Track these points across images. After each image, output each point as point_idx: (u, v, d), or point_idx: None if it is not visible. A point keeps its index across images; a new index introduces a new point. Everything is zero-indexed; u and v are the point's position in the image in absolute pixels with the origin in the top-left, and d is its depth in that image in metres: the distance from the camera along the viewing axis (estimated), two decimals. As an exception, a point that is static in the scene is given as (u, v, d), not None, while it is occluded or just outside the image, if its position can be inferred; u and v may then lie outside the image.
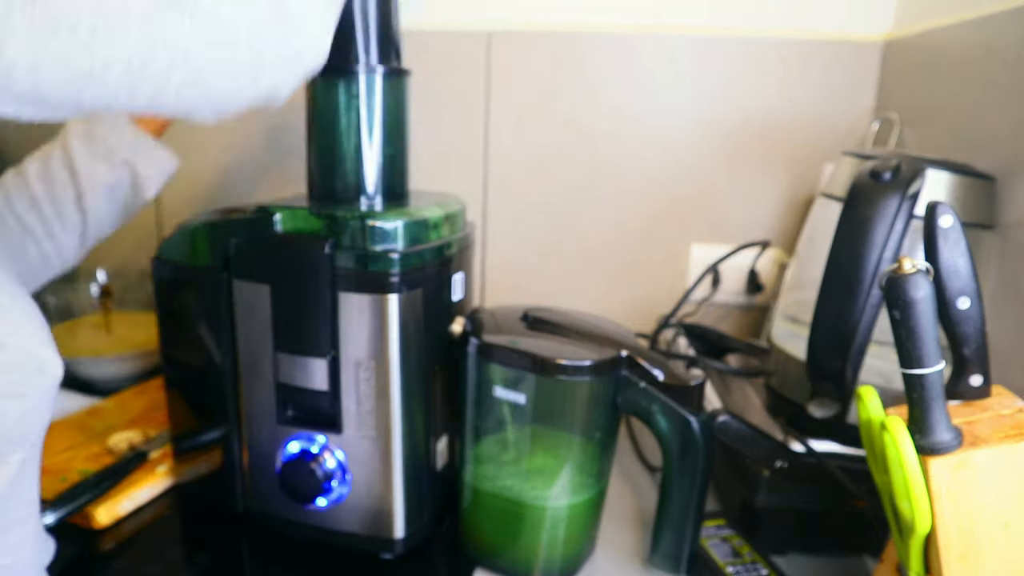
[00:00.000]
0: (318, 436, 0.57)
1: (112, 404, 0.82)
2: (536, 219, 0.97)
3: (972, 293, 0.43)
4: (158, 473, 0.67)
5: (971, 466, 0.41)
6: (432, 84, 0.92)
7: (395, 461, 0.57)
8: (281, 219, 0.55)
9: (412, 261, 0.55)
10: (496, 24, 0.93)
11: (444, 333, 0.58)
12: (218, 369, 0.60)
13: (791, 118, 0.90)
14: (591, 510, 0.58)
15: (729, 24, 0.90)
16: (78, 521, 0.61)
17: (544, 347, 0.54)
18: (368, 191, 0.61)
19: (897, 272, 0.40)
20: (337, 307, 0.54)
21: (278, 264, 0.55)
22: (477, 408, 0.57)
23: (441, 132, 0.95)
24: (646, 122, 0.93)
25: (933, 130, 0.76)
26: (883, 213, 0.50)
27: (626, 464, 0.75)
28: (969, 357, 0.44)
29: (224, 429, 0.61)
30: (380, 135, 0.60)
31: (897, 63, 0.85)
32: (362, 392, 0.56)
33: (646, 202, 0.95)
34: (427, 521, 0.61)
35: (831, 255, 0.52)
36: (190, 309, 0.61)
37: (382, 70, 0.59)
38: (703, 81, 0.91)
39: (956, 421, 0.43)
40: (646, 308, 0.95)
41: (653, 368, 0.53)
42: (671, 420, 0.53)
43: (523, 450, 0.57)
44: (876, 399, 0.45)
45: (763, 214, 0.94)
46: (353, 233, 0.54)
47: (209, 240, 0.58)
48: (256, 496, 0.62)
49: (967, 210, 0.58)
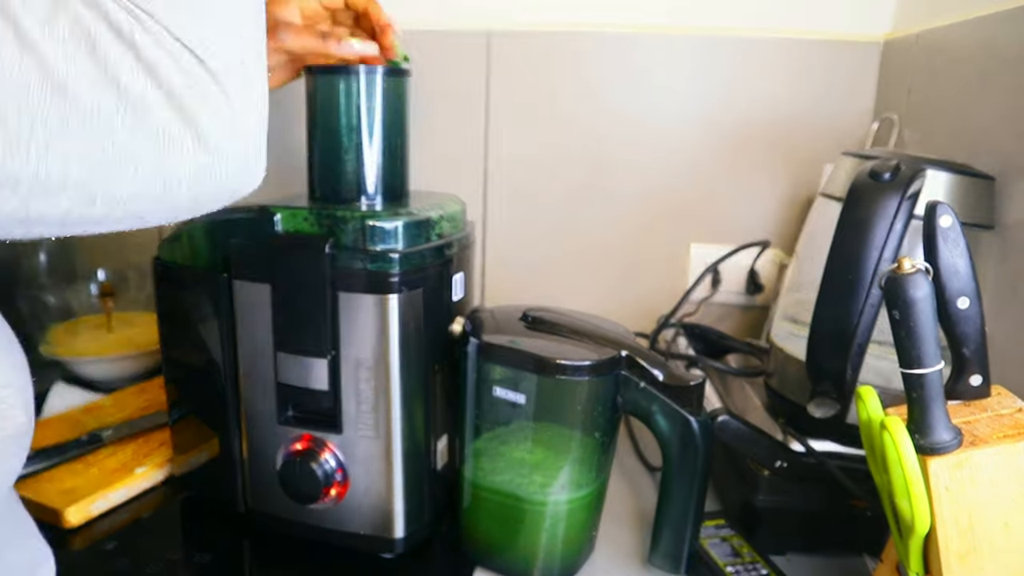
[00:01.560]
0: (318, 435, 0.58)
1: (110, 402, 0.82)
2: (536, 219, 0.97)
3: (971, 293, 0.43)
4: (136, 475, 0.67)
5: (971, 466, 0.41)
6: (432, 83, 0.92)
7: (395, 461, 0.57)
8: (281, 219, 0.55)
9: (412, 261, 0.55)
10: (496, 24, 0.93)
11: (444, 333, 0.58)
12: (218, 369, 0.60)
13: (790, 118, 0.90)
14: (591, 507, 0.58)
15: (729, 24, 0.90)
16: (48, 519, 0.60)
17: (544, 347, 0.54)
18: (368, 191, 0.61)
19: (897, 272, 0.41)
20: (337, 307, 0.54)
21: (278, 264, 0.55)
22: (477, 407, 0.57)
23: (441, 132, 0.95)
24: (646, 122, 0.93)
25: (933, 130, 0.76)
26: (883, 213, 0.50)
27: (626, 464, 0.75)
28: (969, 357, 0.45)
29: (224, 428, 0.61)
30: (380, 135, 0.60)
31: (896, 63, 0.85)
32: (362, 392, 0.56)
33: (646, 202, 0.95)
34: (427, 521, 0.61)
35: (831, 255, 0.52)
36: (190, 309, 0.61)
37: (382, 69, 0.60)
38: (703, 81, 0.91)
39: (956, 421, 0.43)
40: (646, 308, 0.95)
41: (653, 368, 0.53)
42: (671, 420, 0.53)
43: (523, 447, 0.57)
44: (876, 399, 0.46)
45: (763, 214, 0.94)
46: (353, 233, 0.54)
47: (209, 240, 0.58)
48: (257, 496, 0.62)
49: (966, 210, 0.58)
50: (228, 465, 0.62)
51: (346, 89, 0.59)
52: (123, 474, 0.66)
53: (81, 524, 0.62)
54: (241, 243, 0.57)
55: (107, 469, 0.67)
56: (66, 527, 0.61)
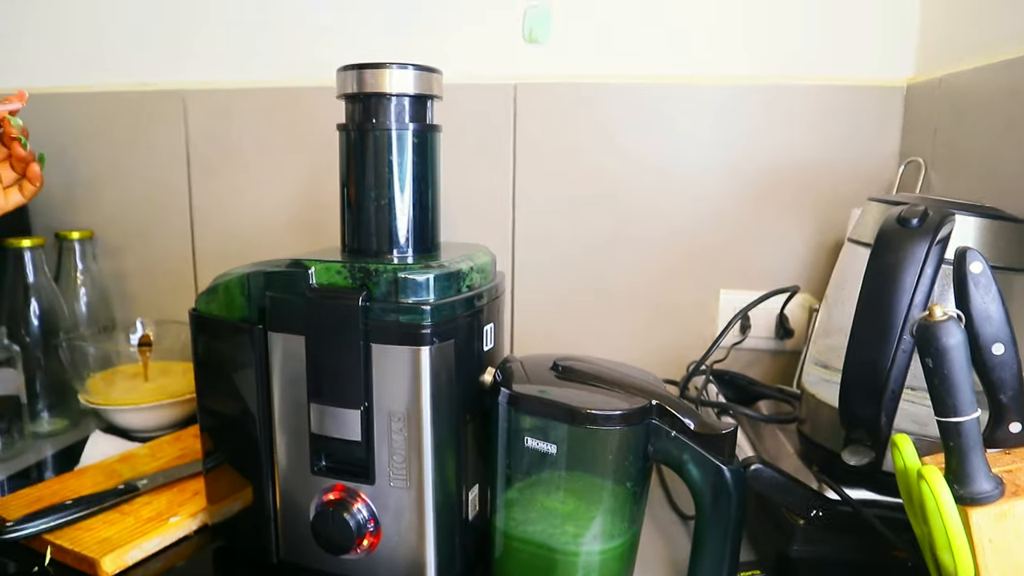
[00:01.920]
0: (351, 486, 0.58)
1: (145, 451, 0.84)
2: (564, 268, 0.98)
3: (1006, 338, 0.43)
4: (170, 524, 0.67)
5: (1014, 516, 0.40)
6: (460, 136, 0.94)
7: (427, 511, 0.57)
8: (315, 272, 0.57)
9: (443, 313, 0.56)
10: (522, 77, 0.95)
11: (475, 383, 0.59)
12: (252, 419, 0.61)
13: (816, 163, 0.91)
14: (623, 557, 0.57)
15: (752, 73, 0.91)
16: (85, 569, 0.62)
17: (574, 397, 0.54)
18: (400, 244, 0.62)
19: (928, 319, 0.40)
20: (370, 359, 0.55)
21: (312, 317, 0.56)
22: (508, 457, 0.57)
23: (469, 183, 0.97)
24: (672, 170, 0.94)
25: (959, 173, 0.76)
26: (912, 259, 0.50)
27: (658, 513, 0.74)
28: (1006, 404, 0.44)
29: (258, 478, 0.62)
30: (411, 189, 0.62)
31: (920, 107, 0.85)
32: (394, 442, 0.56)
33: (673, 249, 0.95)
34: (459, 571, 0.61)
35: (860, 301, 0.52)
36: (226, 360, 0.62)
37: (413, 127, 0.61)
38: (728, 129, 0.92)
39: (996, 469, 0.42)
40: (675, 355, 0.95)
41: (684, 417, 0.53)
42: (703, 469, 0.53)
43: (555, 497, 0.56)
44: (911, 447, 0.45)
45: (791, 259, 0.94)
46: (386, 286, 0.55)
47: (245, 293, 0.60)
48: (289, 546, 0.62)
49: (997, 254, 0.57)
50: (261, 515, 0.62)
51: (377, 145, 0.61)
52: (158, 523, 0.67)
53: (116, 573, 0.62)
54: (276, 296, 0.58)
55: (142, 518, 0.68)
56: (101, 576, 0.61)
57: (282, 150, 1.03)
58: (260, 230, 1.05)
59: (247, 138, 1.04)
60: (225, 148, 1.05)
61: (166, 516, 0.68)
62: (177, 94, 1.05)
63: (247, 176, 1.05)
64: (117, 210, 1.10)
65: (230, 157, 1.05)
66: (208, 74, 1.04)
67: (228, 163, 1.05)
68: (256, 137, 1.04)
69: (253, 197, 1.05)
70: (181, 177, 1.07)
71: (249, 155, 1.04)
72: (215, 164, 1.06)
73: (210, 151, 1.06)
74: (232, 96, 1.03)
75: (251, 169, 1.05)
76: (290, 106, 1.02)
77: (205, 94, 1.04)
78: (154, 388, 0.94)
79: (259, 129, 1.04)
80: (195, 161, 1.07)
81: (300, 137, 1.02)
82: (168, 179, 1.08)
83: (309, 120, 1.01)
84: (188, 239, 1.09)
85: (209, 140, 1.06)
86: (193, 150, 1.06)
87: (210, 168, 1.06)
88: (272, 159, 1.04)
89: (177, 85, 1.05)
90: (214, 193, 1.07)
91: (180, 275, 1.09)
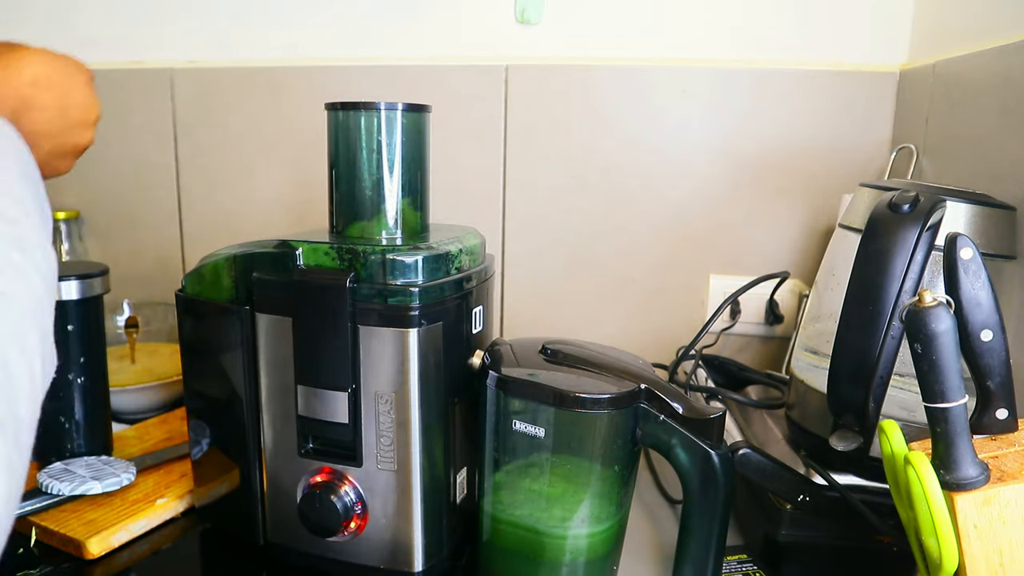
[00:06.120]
0: (338, 468, 0.58)
1: (132, 433, 0.83)
2: (554, 251, 0.98)
3: (995, 325, 0.43)
4: (157, 506, 0.67)
5: (999, 502, 0.40)
6: (450, 117, 0.94)
7: (415, 494, 0.57)
8: (303, 253, 0.56)
9: (432, 295, 0.55)
10: (513, 58, 0.94)
11: (463, 366, 0.58)
12: (240, 401, 0.60)
13: (808, 149, 0.91)
14: (611, 541, 0.57)
15: (745, 56, 0.90)
16: (70, 550, 0.61)
17: (563, 380, 0.54)
18: (388, 225, 0.62)
19: (918, 305, 0.40)
20: (358, 341, 0.55)
21: (300, 298, 0.56)
22: (496, 440, 0.57)
23: (460, 164, 0.97)
24: (663, 154, 0.93)
25: (951, 160, 0.76)
26: (902, 245, 0.50)
27: (646, 497, 0.74)
28: (994, 390, 0.44)
29: (244, 460, 0.62)
30: (400, 170, 0.61)
31: (913, 93, 0.85)
32: (382, 425, 0.56)
33: (664, 233, 0.95)
34: (446, 554, 0.61)
35: (850, 287, 0.52)
36: (213, 342, 0.61)
37: (402, 106, 0.60)
38: (720, 113, 0.92)
39: (982, 456, 0.42)
40: (665, 339, 0.95)
41: (672, 401, 0.53)
42: (691, 453, 0.53)
43: (542, 480, 0.56)
44: (899, 433, 0.45)
45: (782, 244, 0.93)
46: (373, 267, 0.55)
47: (231, 274, 0.59)
48: (276, 528, 0.62)
49: (988, 241, 0.57)
50: (248, 497, 0.62)
51: (367, 125, 0.60)
52: (144, 505, 0.67)
53: (102, 555, 0.62)
54: (263, 277, 0.57)
55: (128, 500, 0.68)
56: (87, 558, 0.61)
57: (271, 129, 1.02)
58: (248, 210, 1.04)
59: (235, 117, 1.03)
60: (213, 127, 1.04)
61: (153, 498, 0.68)
62: (164, 72, 1.03)
63: (235, 156, 1.04)
64: (103, 190, 1.09)
65: (218, 137, 1.04)
66: (196, 52, 1.03)
67: (216, 143, 1.04)
68: (244, 116, 1.03)
69: (241, 177, 1.04)
70: (168, 156, 1.06)
71: (237, 134, 1.03)
72: (203, 143, 1.05)
73: (198, 130, 1.05)
74: (220, 74, 1.02)
75: (239, 149, 1.04)
76: (279, 85, 1.01)
77: (193, 72, 1.03)
78: (141, 370, 0.93)
79: (247, 108, 1.02)
80: (182, 140, 1.05)
81: (289, 116, 1.01)
82: (155, 158, 1.06)
83: (298, 99, 1.00)
84: (175, 219, 1.08)
85: (197, 119, 1.04)
86: (180, 129, 1.05)
87: (198, 147, 1.05)
88: (261, 139, 1.02)
89: (165, 64, 1.03)
90: (202, 173, 1.06)
91: (167, 256, 1.08)
